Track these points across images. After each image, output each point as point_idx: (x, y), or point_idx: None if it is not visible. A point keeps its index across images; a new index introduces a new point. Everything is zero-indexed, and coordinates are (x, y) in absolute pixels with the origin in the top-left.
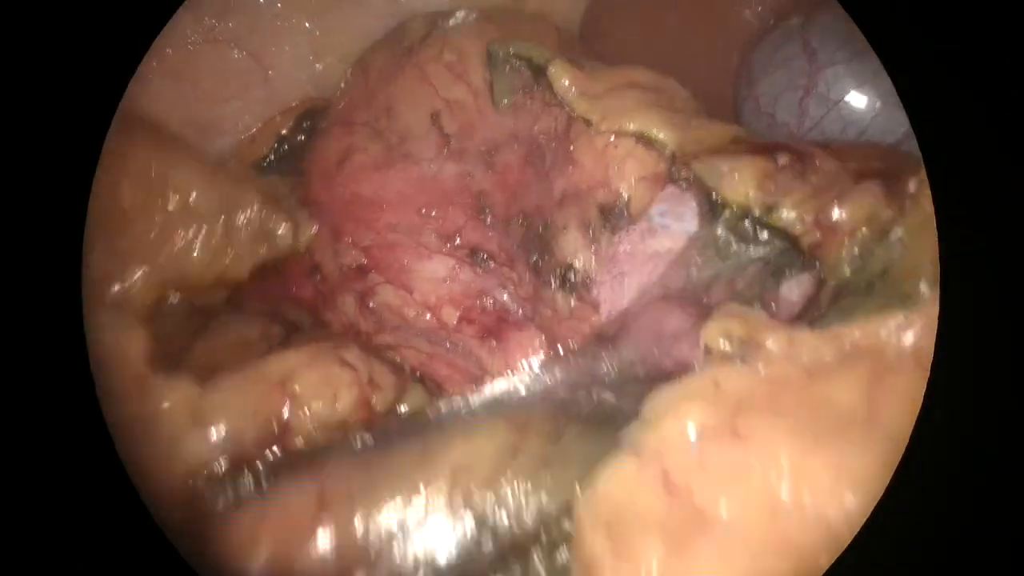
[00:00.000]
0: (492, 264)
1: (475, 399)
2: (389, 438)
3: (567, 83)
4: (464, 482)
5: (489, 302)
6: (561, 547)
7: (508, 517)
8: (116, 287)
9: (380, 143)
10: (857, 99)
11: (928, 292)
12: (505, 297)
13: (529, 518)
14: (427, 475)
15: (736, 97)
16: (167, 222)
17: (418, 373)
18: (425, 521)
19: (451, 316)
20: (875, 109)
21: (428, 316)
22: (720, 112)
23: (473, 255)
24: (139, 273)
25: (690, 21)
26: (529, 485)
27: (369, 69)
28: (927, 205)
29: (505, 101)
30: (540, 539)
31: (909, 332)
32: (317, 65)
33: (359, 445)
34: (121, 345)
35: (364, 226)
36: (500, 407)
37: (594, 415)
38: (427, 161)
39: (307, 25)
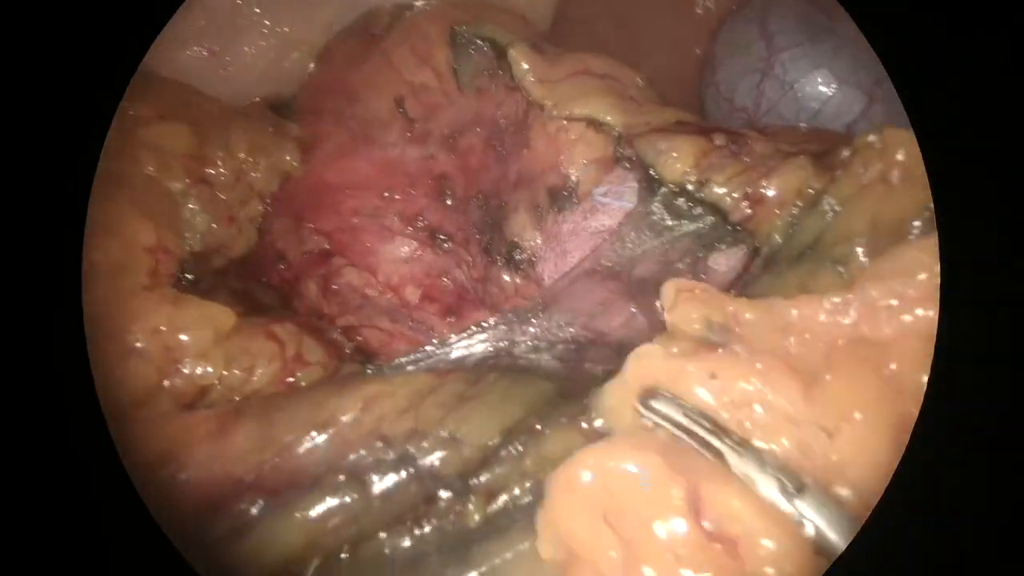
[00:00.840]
0: (450, 244)
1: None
2: None
3: (525, 67)
4: (377, 409)
5: (449, 281)
6: (480, 475)
7: (422, 442)
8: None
9: (345, 130)
10: (812, 81)
11: (864, 255)
12: (462, 277)
13: (444, 445)
14: (341, 401)
15: (700, 84)
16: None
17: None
18: (338, 440)
19: (414, 295)
20: (830, 90)
21: (391, 295)
22: (686, 100)
23: (433, 236)
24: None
25: (658, 11)
26: (445, 415)
27: (334, 58)
28: (859, 175)
29: (467, 86)
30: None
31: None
32: (283, 62)
33: None
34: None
35: (328, 211)
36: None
37: (516, 367)
38: (391, 145)
39: (267, 22)
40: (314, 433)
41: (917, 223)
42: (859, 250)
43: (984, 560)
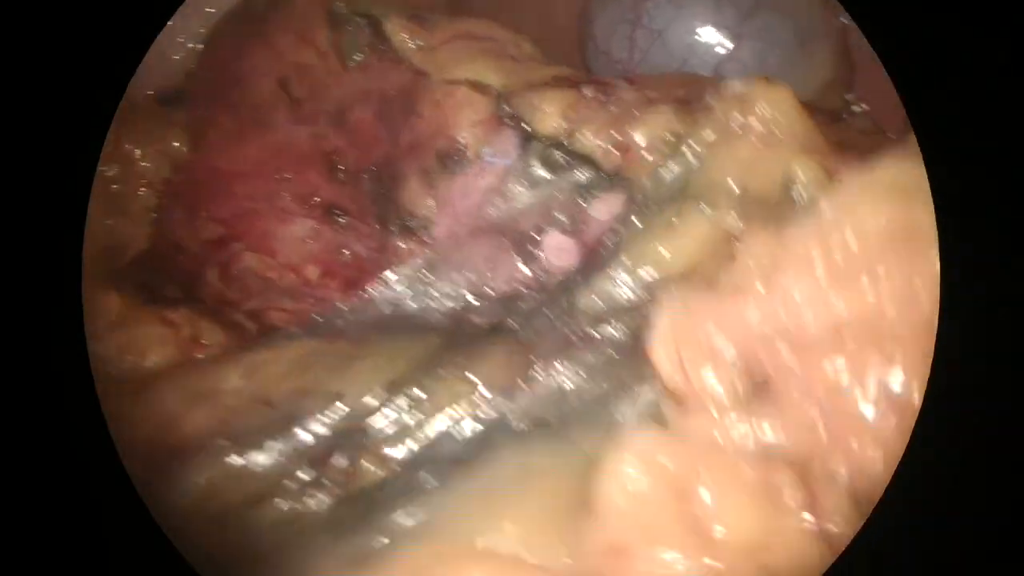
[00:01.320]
0: (346, 219)
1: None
2: None
3: (404, 37)
4: (261, 375)
5: (348, 255)
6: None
7: (308, 402)
8: None
9: (232, 115)
10: (678, 26)
11: (735, 192)
12: (361, 249)
13: (330, 403)
14: (224, 371)
15: (580, 38)
16: None
17: None
18: (222, 407)
19: (314, 273)
20: (696, 32)
21: (291, 276)
22: (571, 58)
23: (329, 213)
24: None
25: None
26: (330, 375)
27: (217, 47)
28: (722, 122)
29: (354, 58)
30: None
31: None
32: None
33: None
34: None
35: (222, 198)
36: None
37: (404, 325)
38: (279, 127)
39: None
40: (198, 403)
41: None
42: (726, 192)
43: (984, 560)
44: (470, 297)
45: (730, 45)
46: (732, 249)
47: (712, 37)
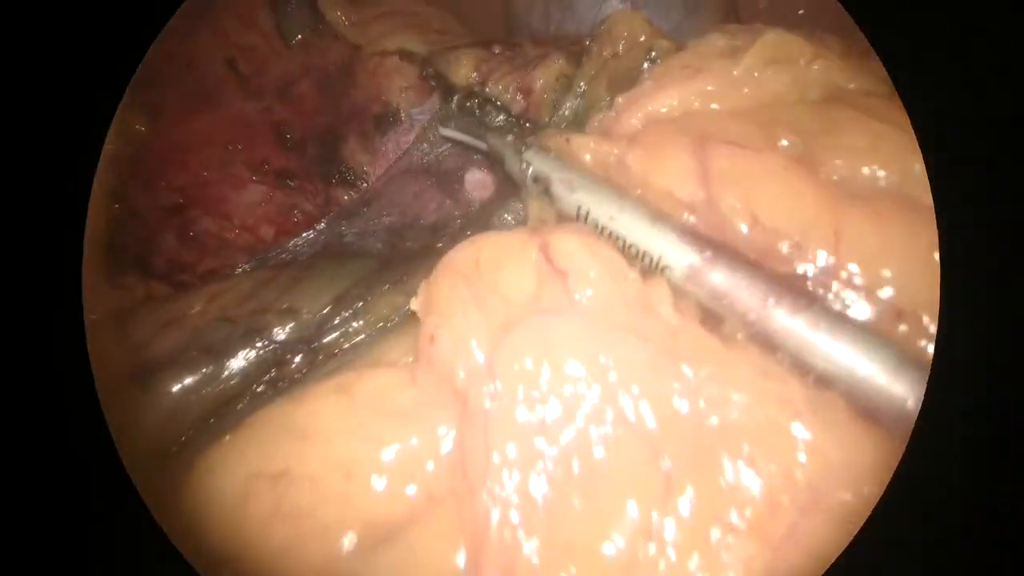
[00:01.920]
0: (295, 183)
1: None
2: None
3: (339, 15)
4: (220, 300)
5: (299, 214)
6: (323, 337)
7: (265, 316)
8: None
9: (183, 94)
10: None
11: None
12: (310, 208)
13: (284, 317)
14: (185, 302)
15: (505, 15)
16: None
17: None
18: (188, 328)
19: (268, 232)
20: (598, 4)
21: (247, 235)
22: (498, 30)
23: (279, 178)
24: None
25: None
26: (282, 294)
27: (166, 33)
28: (597, 55)
29: (296, 38)
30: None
31: None
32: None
33: None
34: None
35: (178, 169)
36: None
37: (345, 252)
38: (229, 103)
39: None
40: (164, 329)
41: (645, 66)
42: (603, 106)
43: (985, 560)
44: (401, 226)
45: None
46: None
47: (613, 7)
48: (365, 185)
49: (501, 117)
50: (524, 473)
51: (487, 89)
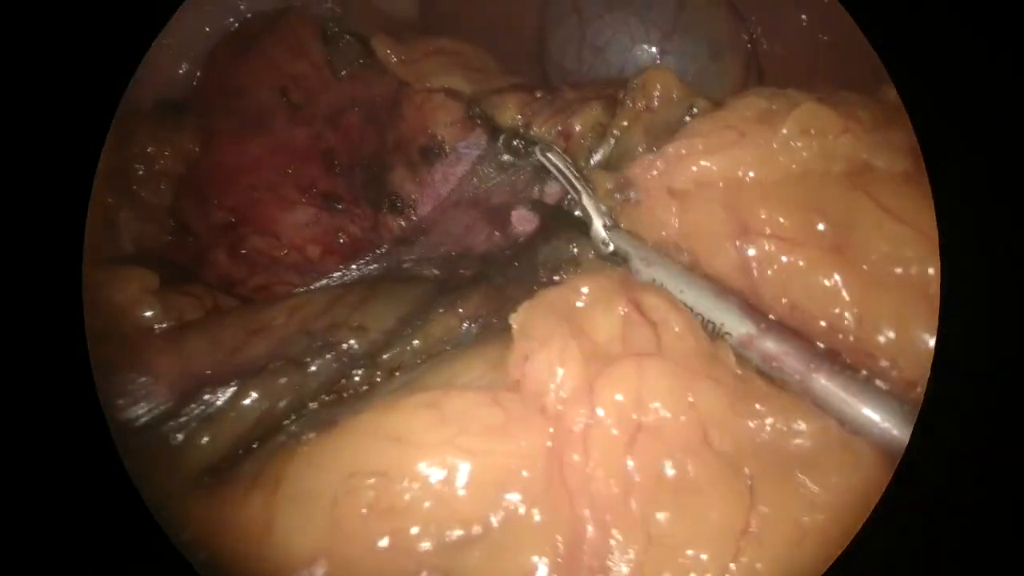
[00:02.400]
0: (342, 206)
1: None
2: None
3: (387, 52)
4: (300, 313)
5: (345, 236)
6: (386, 353)
7: (339, 332)
8: None
9: (235, 120)
10: (613, 44)
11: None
12: (356, 230)
13: (355, 333)
14: (269, 313)
15: (539, 53)
16: None
17: None
18: (273, 338)
19: (315, 251)
20: (628, 49)
21: (295, 254)
22: (532, 68)
23: (327, 200)
24: None
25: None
26: (353, 311)
27: (217, 61)
28: (630, 108)
29: (343, 72)
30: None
31: None
32: (171, 71)
33: None
34: None
35: (229, 188)
36: None
37: (404, 276)
38: (279, 129)
39: None
40: (252, 337)
41: (687, 119)
42: (639, 152)
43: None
44: (454, 255)
45: (657, 58)
46: None
47: (642, 53)
48: (414, 213)
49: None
50: (622, 487)
51: (532, 131)
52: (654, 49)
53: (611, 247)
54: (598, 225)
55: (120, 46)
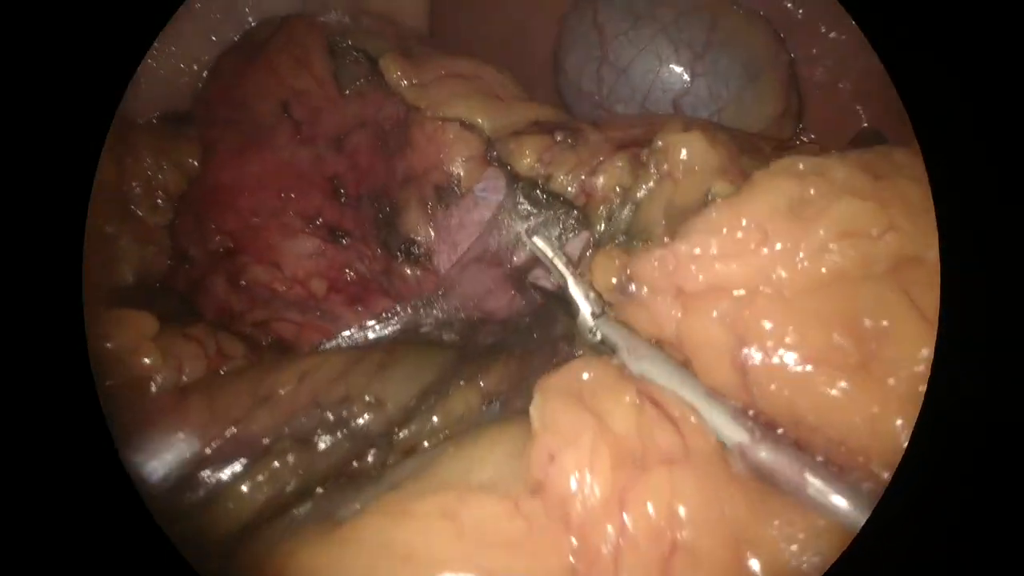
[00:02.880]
0: (348, 240)
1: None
2: None
3: (397, 74)
4: (312, 380)
5: (352, 273)
6: (402, 431)
7: (353, 407)
8: None
9: (237, 134)
10: (638, 64)
11: (662, 234)
12: (364, 269)
13: (371, 408)
14: (278, 378)
15: (554, 71)
16: None
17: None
18: (280, 409)
19: (320, 287)
20: (654, 71)
21: (298, 289)
22: (546, 83)
23: (332, 233)
24: None
25: (520, 5)
26: (369, 381)
27: (222, 71)
28: (652, 173)
29: (348, 91)
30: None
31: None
32: (175, 79)
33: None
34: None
35: (227, 211)
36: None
37: (423, 341)
38: (281, 147)
39: (155, 44)
40: (259, 407)
41: (709, 199)
42: (658, 230)
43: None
44: (475, 320)
45: (687, 80)
46: None
47: (670, 75)
48: (430, 263)
49: (564, 206)
50: None
51: (553, 182)
52: (683, 70)
53: (598, 336)
54: (585, 313)
55: (114, 56)
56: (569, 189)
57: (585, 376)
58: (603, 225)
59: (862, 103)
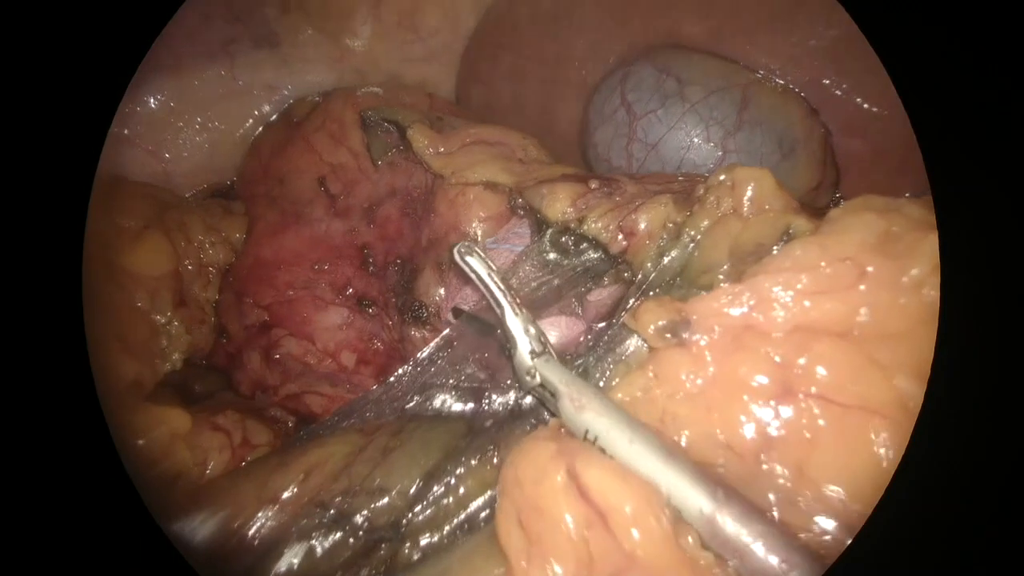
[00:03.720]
0: (374, 309)
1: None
2: None
3: (424, 143)
4: (316, 477)
5: (379, 344)
6: (410, 519)
7: (355, 499)
8: None
9: (276, 210)
10: (669, 149)
11: (724, 281)
12: (387, 337)
13: (375, 497)
14: (285, 477)
15: (582, 144)
16: None
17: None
18: (282, 514)
19: (349, 359)
20: (686, 148)
21: (329, 361)
22: (571, 157)
23: (360, 303)
24: None
25: (545, 81)
26: (373, 469)
27: (262, 147)
28: (713, 209)
29: (380, 162)
30: (394, 524)
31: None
32: (217, 154)
33: None
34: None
35: (265, 286)
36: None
37: (430, 414)
38: (317, 221)
39: (199, 119)
40: (260, 513)
41: (776, 248)
42: (720, 277)
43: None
44: (484, 379)
45: (719, 156)
46: None
47: (701, 151)
48: (439, 321)
49: (596, 255)
50: None
51: (584, 227)
52: (715, 146)
53: (537, 379)
54: (523, 351)
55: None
56: (604, 234)
57: (521, 463)
58: (652, 266)
59: (901, 175)
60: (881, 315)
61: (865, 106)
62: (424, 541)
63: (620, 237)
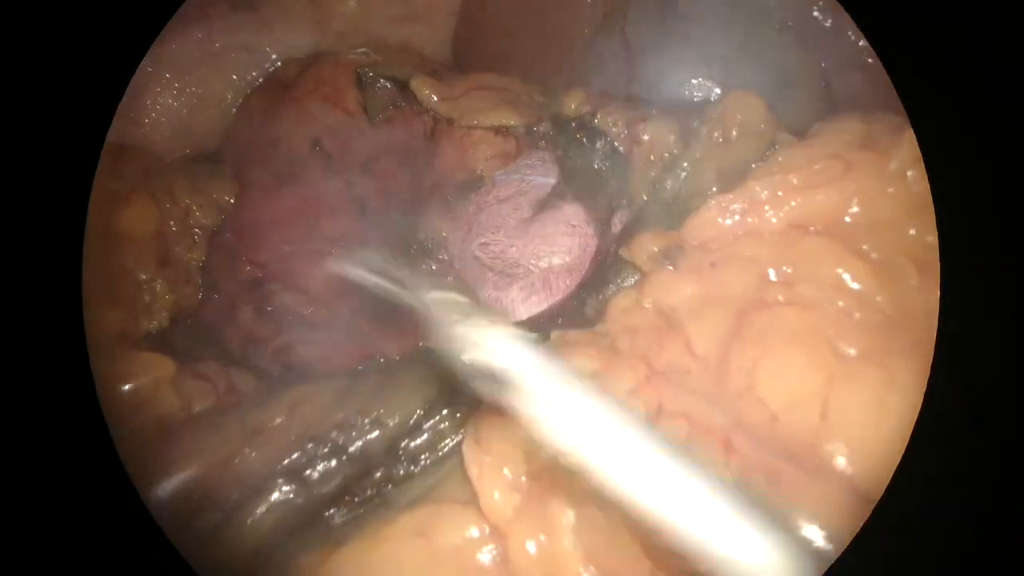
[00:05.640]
0: None
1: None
2: None
3: (428, 92)
4: (302, 411)
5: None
6: (406, 443)
7: (351, 431)
8: None
9: (269, 173)
10: (668, 79)
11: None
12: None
13: (371, 428)
14: (268, 410)
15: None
16: None
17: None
18: (271, 446)
19: (344, 309)
20: (686, 84)
21: (323, 311)
22: None
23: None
24: None
25: (535, 37)
26: (367, 403)
27: (251, 112)
28: (706, 140)
29: (379, 117)
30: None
31: None
32: (197, 119)
33: None
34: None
35: (260, 245)
36: None
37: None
38: (313, 180)
39: (176, 84)
40: (247, 447)
41: (756, 164)
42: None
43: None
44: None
45: (718, 93)
46: None
47: (700, 87)
48: (443, 253)
49: (604, 148)
50: None
51: (599, 118)
52: (714, 83)
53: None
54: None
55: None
56: (614, 127)
57: None
58: (645, 196)
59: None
60: (870, 203)
61: (861, 44)
62: (421, 462)
63: (626, 139)
